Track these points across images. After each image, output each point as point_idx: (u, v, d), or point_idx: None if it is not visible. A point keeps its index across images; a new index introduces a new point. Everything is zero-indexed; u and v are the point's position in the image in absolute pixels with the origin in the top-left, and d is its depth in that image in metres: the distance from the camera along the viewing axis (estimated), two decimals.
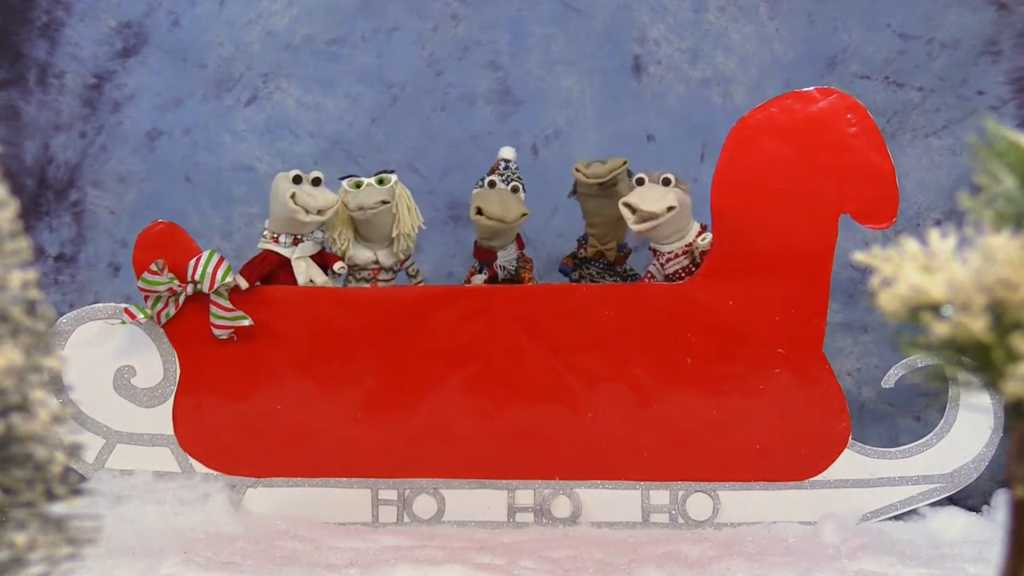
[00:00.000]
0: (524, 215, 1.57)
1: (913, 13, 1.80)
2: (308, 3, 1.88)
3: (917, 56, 1.80)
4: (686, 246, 1.56)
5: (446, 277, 1.71)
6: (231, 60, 1.88)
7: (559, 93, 1.86)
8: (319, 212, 1.54)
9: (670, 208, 1.51)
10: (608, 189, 1.58)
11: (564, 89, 1.86)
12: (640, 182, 1.55)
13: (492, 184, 1.59)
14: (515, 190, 1.59)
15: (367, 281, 1.59)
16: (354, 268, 1.59)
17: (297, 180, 1.54)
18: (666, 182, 1.54)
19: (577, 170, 1.59)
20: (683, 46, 1.85)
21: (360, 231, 1.59)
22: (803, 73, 1.80)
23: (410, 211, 1.58)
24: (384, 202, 1.55)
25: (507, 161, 1.63)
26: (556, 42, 1.87)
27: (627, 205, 1.52)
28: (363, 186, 1.56)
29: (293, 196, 1.53)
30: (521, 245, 1.62)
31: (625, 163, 1.58)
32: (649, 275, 1.59)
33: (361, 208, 1.54)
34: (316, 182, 1.55)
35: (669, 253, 1.56)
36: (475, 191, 1.61)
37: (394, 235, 1.58)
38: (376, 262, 1.58)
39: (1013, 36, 1.78)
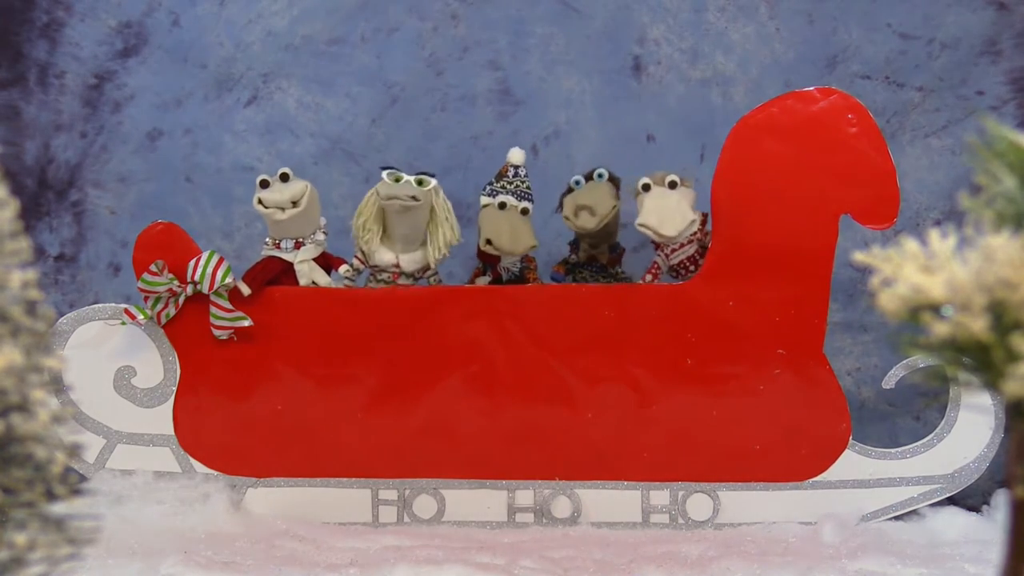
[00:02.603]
0: (533, 246, 1.56)
1: (913, 13, 1.80)
2: (308, 3, 1.88)
3: (917, 56, 1.80)
4: (691, 235, 1.56)
5: (447, 277, 1.71)
6: (231, 60, 1.88)
7: (559, 93, 1.86)
8: (293, 204, 1.54)
9: (691, 223, 1.52)
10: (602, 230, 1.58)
11: (564, 89, 1.87)
12: (647, 188, 1.54)
13: (503, 205, 1.55)
14: (525, 212, 1.56)
15: (387, 283, 1.58)
16: (375, 268, 1.58)
17: (264, 184, 1.55)
18: (672, 185, 1.54)
19: (566, 218, 1.56)
20: (683, 46, 1.85)
21: (387, 227, 1.57)
22: (803, 73, 1.80)
23: (449, 224, 1.56)
24: (414, 198, 1.52)
25: (516, 167, 1.59)
26: (556, 42, 1.87)
27: (644, 227, 1.53)
28: (401, 181, 1.54)
29: (260, 202, 1.54)
30: None
31: (613, 207, 1.56)
32: (656, 266, 1.59)
33: (391, 198, 1.52)
34: (284, 177, 1.55)
35: (674, 243, 1.56)
36: (484, 205, 1.57)
37: (430, 243, 1.56)
38: (396, 265, 1.58)
39: (1013, 36, 1.78)
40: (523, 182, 1.58)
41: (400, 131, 1.87)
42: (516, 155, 1.60)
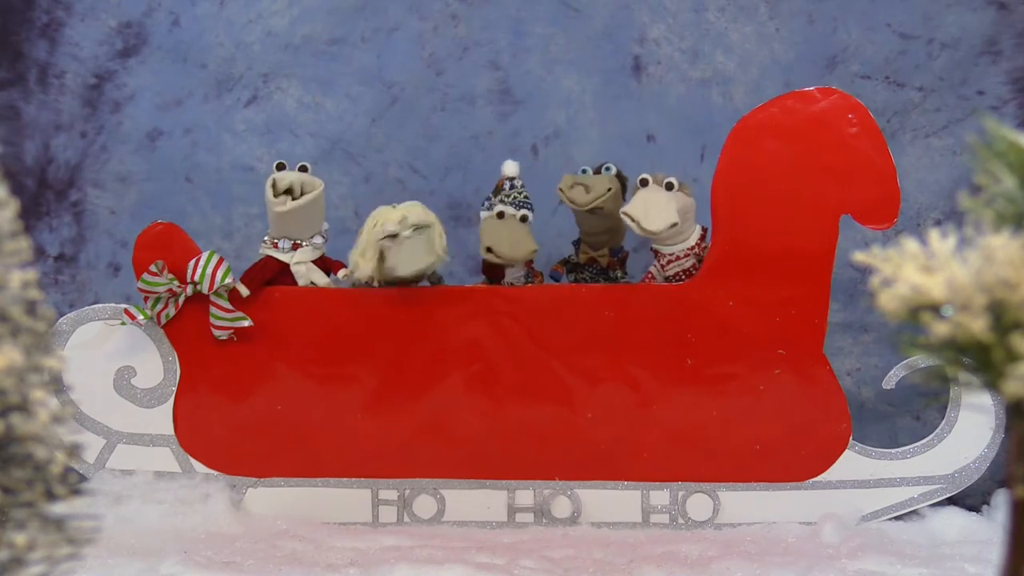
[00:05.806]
0: (534, 251, 1.54)
1: (913, 13, 1.80)
2: (308, 3, 1.88)
3: (917, 56, 1.80)
4: (688, 249, 1.55)
5: (447, 277, 1.71)
6: (231, 60, 1.88)
7: (559, 93, 1.86)
8: (288, 192, 1.53)
9: (672, 225, 1.50)
10: (595, 212, 1.56)
11: (564, 89, 1.86)
12: (644, 183, 1.54)
13: (501, 215, 1.54)
14: (524, 219, 1.55)
15: None
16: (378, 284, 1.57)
17: (280, 167, 1.55)
18: (669, 187, 1.53)
19: (560, 190, 1.57)
20: (683, 46, 1.85)
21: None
22: (803, 73, 1.80)
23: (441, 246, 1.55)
24: (417, 228, 1.50)
25: (511, 179, 1.58)
26: (556, 42, 1.87)
27: (628, 216, 1.52)
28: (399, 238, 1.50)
29: (274, 184, 1.53)
30: (530, 262, 1.60)
31: (609, 190, 1.54)
32: (649, 276, 1.59)
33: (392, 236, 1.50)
34: (302, 169, 1.56)
35: (670, 255, 1.56)
36: (484, 218, 1.57)
37: (426, 251, 1.55)
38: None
39: (1013, 36, 1.78)
40: (520, 192, 1.57)
41: (400, 131, 1.87)
42: (510, 167, 1.58)
